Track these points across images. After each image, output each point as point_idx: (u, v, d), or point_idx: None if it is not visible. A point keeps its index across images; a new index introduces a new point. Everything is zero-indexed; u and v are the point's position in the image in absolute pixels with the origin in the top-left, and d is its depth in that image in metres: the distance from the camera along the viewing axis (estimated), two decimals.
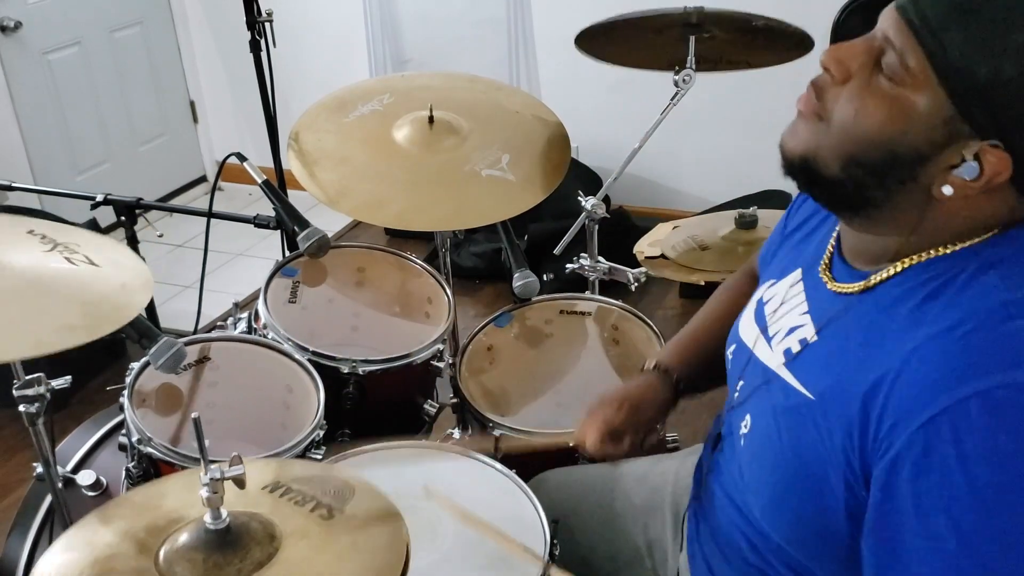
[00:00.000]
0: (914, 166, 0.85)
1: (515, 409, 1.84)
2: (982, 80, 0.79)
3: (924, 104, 0.83)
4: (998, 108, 0.80)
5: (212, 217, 2.08)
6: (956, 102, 0.81)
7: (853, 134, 0.87)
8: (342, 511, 1.03)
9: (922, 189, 0.86)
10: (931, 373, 0.81)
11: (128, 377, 1.54)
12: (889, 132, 0.85)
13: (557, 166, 1.85)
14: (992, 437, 0.78)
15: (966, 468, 0.78)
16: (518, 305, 1.90)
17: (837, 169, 0.89)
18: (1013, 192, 0.86)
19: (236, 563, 0.95)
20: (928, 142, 0.84)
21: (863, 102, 0.86)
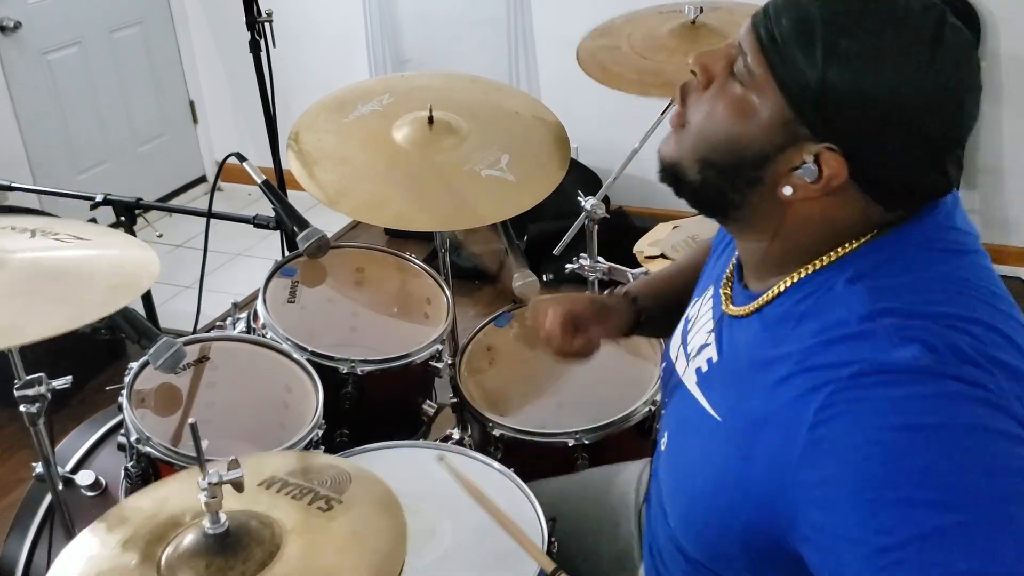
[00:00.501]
0: (758, 167, 0.88)
1: (514, 409, 1.84)
2: (813, 84, 0.82)
3: (766, 107, 0.86)
4: (830, 112, 0.83)
5: (212, 217, 2.08)
6: (792, 105, 0.84)
7: (704, 136, 0.91)
8: (340, 501, 1.03)
9: (770, 190, 0.89)
10: (805, 379, 0.82)
11: (127, 377, 1.54)
12: (734, 133, 0.88)
13: (557, 166, 1.85)
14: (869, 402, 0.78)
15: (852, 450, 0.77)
16: (517, 305, 1.90)
17: (695, 172, 0.93)
18: (861, 195, 0.87)
19: (239, 566, 0.95)
20: (769, 143, 0.87)
21: (714, 105, 0.90)
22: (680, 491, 1.01)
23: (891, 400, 0.78)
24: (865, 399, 0.78)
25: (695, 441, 0.98)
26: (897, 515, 0.75)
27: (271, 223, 1.97)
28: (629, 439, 1.66)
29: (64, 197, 2.18)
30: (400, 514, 1.02)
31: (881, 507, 0.75)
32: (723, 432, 0.93)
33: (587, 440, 1.61)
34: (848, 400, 0.79)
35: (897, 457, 0.76)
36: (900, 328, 0.81)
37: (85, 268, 1.36)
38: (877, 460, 0.76)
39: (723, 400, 0.95)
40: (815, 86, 0.82)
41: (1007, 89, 3.19)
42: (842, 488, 0.78)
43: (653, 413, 1.68)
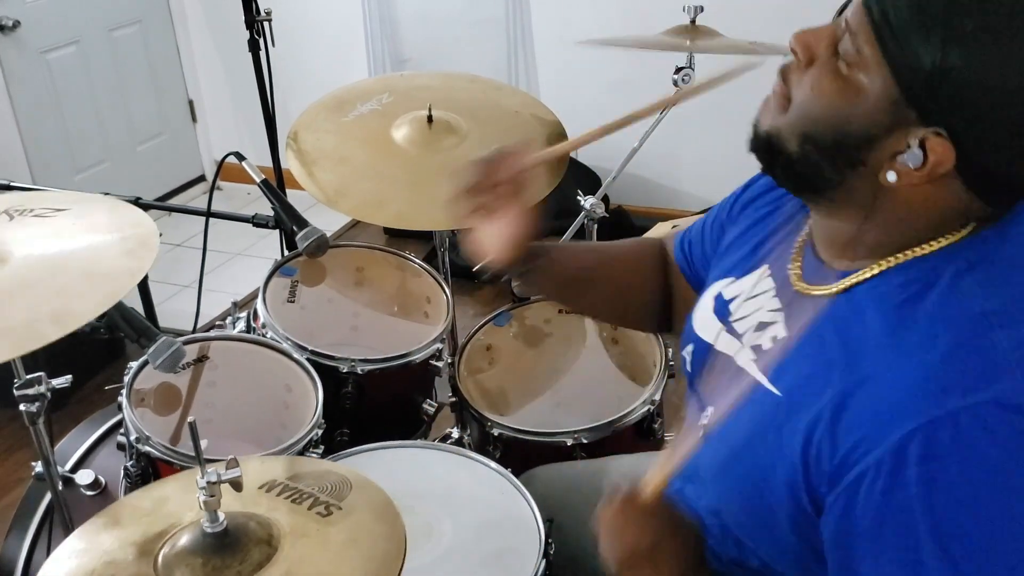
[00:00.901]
0: (861, 148, 0.86)
1: (514, 408, 1.84)
2: (927, 67, 0.80)
3: (873, 86, 0.84)
4: (942, 96, 0.81)
5: (211, 216, 2.08)
6: (903, 87, 0.82)
7: (808, 112, 0.89)
8: (340, 507, 1.03)
9: (871, 174, 0.87)
10: (907, 388, 0.81)
11: (127, 376, 1.54)
12: (839, 110, 0.86)
13: (556, 165, 1.85)
14: (961, 460, 0.78)
15: (930, 493, 0.78)
16: (517, 304, 1.90)
17: (795, 146, 0.90)
18: (962, 186, 0.85)
19: (235, 566, 0.95)
20: (875, 124, 0.84)
21: (819, 81, 0.88)
22: (725, 462, 0.99)
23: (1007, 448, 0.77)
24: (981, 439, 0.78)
25: (749, 418, 0.96)
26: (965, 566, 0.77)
27: (270, 222, 1.97)
28: (628, 438, 1.66)
29: None
30: (399, 523, 1.02)
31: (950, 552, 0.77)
32: (784, 409, 0.91)
33: (586, 439, 1.61)
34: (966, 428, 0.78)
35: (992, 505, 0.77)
36: (1017, 345, 0.80)
37: (85, 257, 1.34)
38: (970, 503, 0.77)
39: (790, 377, 0.93)
40: (930, 69, 0.80)
41: None
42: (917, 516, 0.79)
43: (652, 412, 1.68)
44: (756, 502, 0.94)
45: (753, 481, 0.94)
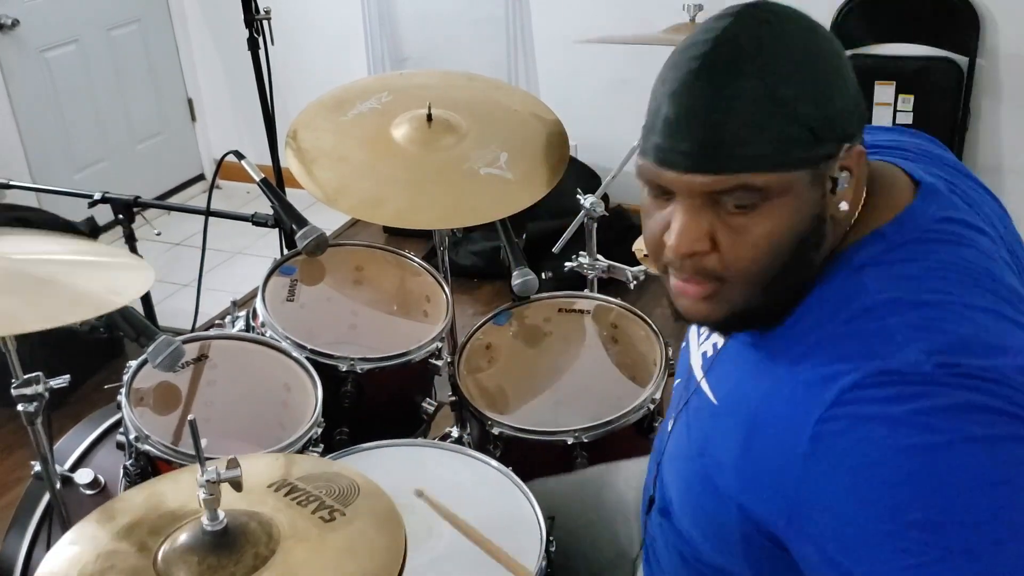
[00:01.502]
0: (819, 228, 0.87)
1: (513, 408, 1.84)
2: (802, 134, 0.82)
3: (795, 190, 0.84)
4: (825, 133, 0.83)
5: (210, 215, 2.08)
6: (810, 165, 0.83)
7: (757, 264, 0.86)
8: (343, 514, 1.03)
9: (828, 228, 0.88)
10: (805, 383, 0.82)
11: (126, 375, 1.54)
12: (787, 232, 0.85)
13: (555, 164, 1.85)
14: (874, 420, 0.78)
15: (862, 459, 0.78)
16: (517, 303, 1.90)
17: (761, 300, 0.89)
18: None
19: (230, 566, 0.95)
20: (815, 203, 0.85)
21: (742, 240, 0.85)
22: (682, 471, 1.01)
23: (894, 418, 0.77)
24: (867, 416, 0.78)
25: (697, 425, 0.99)
26: (911, 540, 0.75)
27: (269, 221, 1.97)
28: (628, 437, 1.66)
29: (62, 195, 2.18)
30: (400, 535, 1.02)
31: (896, 532, 0.76)
32: (719, 418, 0.93)
33: (586, 438, 1.61)
34: (850, 416, 0.79)
35: (906, 480, 0.76)
36: (904, 325, 0.81)
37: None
38: (886, 485, 0.76)
39: (721, 384, 0.95)
40: (807, 134, 0.82)
41: (1006, 88, 3.19)
42: (852, 511, 0.78)
43: (652, 411, 1.68)
44: (709, 507, 0.95)
45: (703, 486, 0.95)
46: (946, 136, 3.21)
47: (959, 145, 3.23)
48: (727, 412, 0.93)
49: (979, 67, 3.16)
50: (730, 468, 0.90)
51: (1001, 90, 3.20)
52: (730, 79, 0.82)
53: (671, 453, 1.07)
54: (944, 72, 3.16)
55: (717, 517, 0.93)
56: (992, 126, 3.25)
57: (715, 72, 0.83)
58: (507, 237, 1.92)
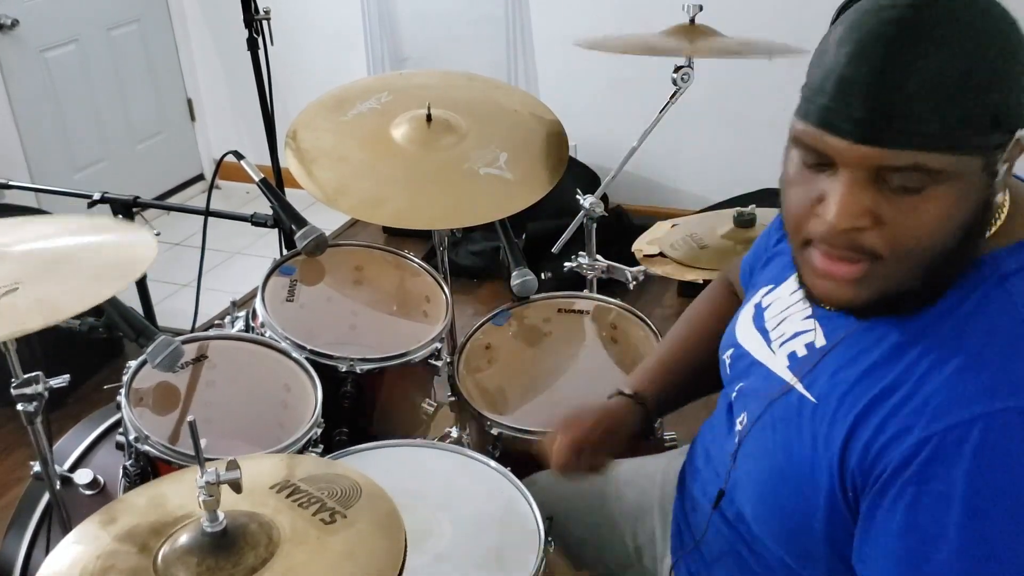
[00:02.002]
0: (985, 214, 0.84)
1: (513, 408, 1.84)
2: (985, 115, 0.78)
3: (966, 174, 0.80)
4: (1011, 120, 0.79)
5: (209, 215, 2.08)
6: (982, 148, 0.79)
7: (921, 244, 0.82)
8: (344, 516, 1.03)
9: (989, 219, 0.85)
10: (945, 390, 0.81)
11: (125, 375, 1.54)
12: (955, 217, 0.81)
13: (555, 164, 1.85)
14: (994, 459, 0.77)
15: (963, 488, 0.78)
16: (516, 304, 1.90)
17: (917, 283, 0.85)
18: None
19: (228, 568, 0.95)
20: (982, 191, 0.81)
21: (911, 220, 0.81)
22: (761, 469, 0.99)
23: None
24: (1003, 450, 0.77)
25: (782, 423, 0.96)
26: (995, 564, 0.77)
27: (269, 221, 1.97)
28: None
29: (61, 195, 2.18)
30: (400, 538, 1.01)
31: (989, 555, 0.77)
32: (819, 414, 0.91)
33: None
34: (1003, 429, 0.78)
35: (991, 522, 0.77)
36: None
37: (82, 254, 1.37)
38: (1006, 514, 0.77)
39: (825, 383, 0.93)
40: (989, 121, 0.78)
41: None
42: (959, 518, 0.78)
43: None
44: (791, 508, 0.94)
45: (788, 487, 0.94)
46: None
47: None
48: (833, 409, 0.90)
49: None
50: (826, 462, 0.88)
51: None
52: (924, 49, 0.76)
53: (751, 446, 1.02)
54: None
55: (802, 522, 0.92)
56: None
57: (908, 37, 0.76)
58: (506, 237, 1.92)
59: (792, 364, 0.99)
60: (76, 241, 1.40)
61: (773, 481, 0.97)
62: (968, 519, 0.78)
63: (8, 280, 1.25)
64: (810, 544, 0.93)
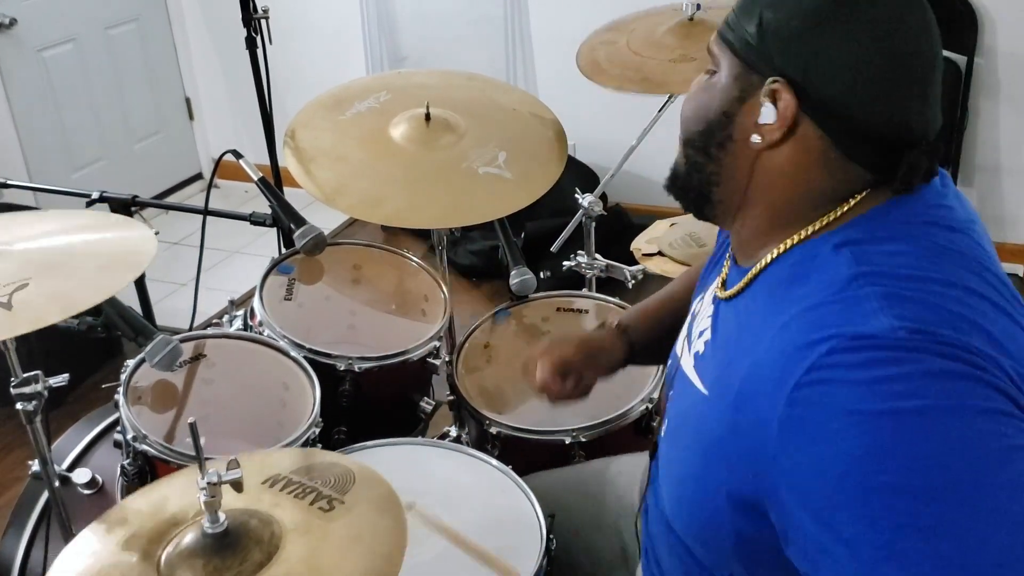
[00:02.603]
0: (724, 126, 0.95)
1: (511, 407, 1.84)
2: (751, 31, 0.91)
3: (723, 73, 0.95)
4: (767, 50, 0.90)
5: (208, 214, 2.07)
6: (739, 58, 0.93)
7: (684, 124, 1.01)
8: (342, 501, 1.03)
9: (742, 149, 0.94)
10: (783, 353, 0.83)
11: (123, 374, 1.54)
12: (701, 105, 0.98)
13: (554, 163, 1.85)
14: (847, 384, 0.77)
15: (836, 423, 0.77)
16: (515, 303, 1.90)
17: (682, 162, 1.02)
18: (826, 146, 0.90)
19: (236, 566, 0.95)
20: (728, 99, 0.94)
21: (690, 95, 1.00)
22: (674, 472, 1.02)
23: (863, 384, 0.76)
24: (840, 381, 0.77)
25: (688, 421, 0.99)
26: (880, 507, 0.74)
27: (267, 220, 1.96)
28: (626, 436, 1.66)
29: (60, 195, 2.18)
30: (401, 516, 1.02)
31: (863, 500, 0.74)
32: (709, 405, 0.94)
33: (584, 437, 1.61)
34: (823, 382, 0.78)
35: (876, 447, 0.75)
36: (881, 294, 0.81)
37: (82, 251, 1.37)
38: (855, 450, 0.75)
39: (712, 374, 0.96)
40: (754, 30, 0.91)
41: (1004, 87, 3.19)
42: (821, 481, 0.77)
43: (650, 411, 1.68)
44: (698, 504, 0.95)
45: (694, 483, 0.95)
46: (944, 135, 3.21)
47: (957, 144, 3.24)
48: (716, 397, 0.93)
49: (977, 66, 3.16)
50: (718, 455, 0.89)
51: (999, 89, 3.20)
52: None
53: (665, 456, 1.07)
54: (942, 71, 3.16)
55: (712, 518, 0.93)
56: (990, 125, 3.25)
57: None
58: (505, 236, 1.92)
59: (695, 363, 1.02)
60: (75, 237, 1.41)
61: (683, 480, 0.98)
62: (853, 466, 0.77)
63: (16, 277, 1.26)
64: (724, 542, 0.93)
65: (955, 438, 0.74)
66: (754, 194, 0.96)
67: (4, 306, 1.22)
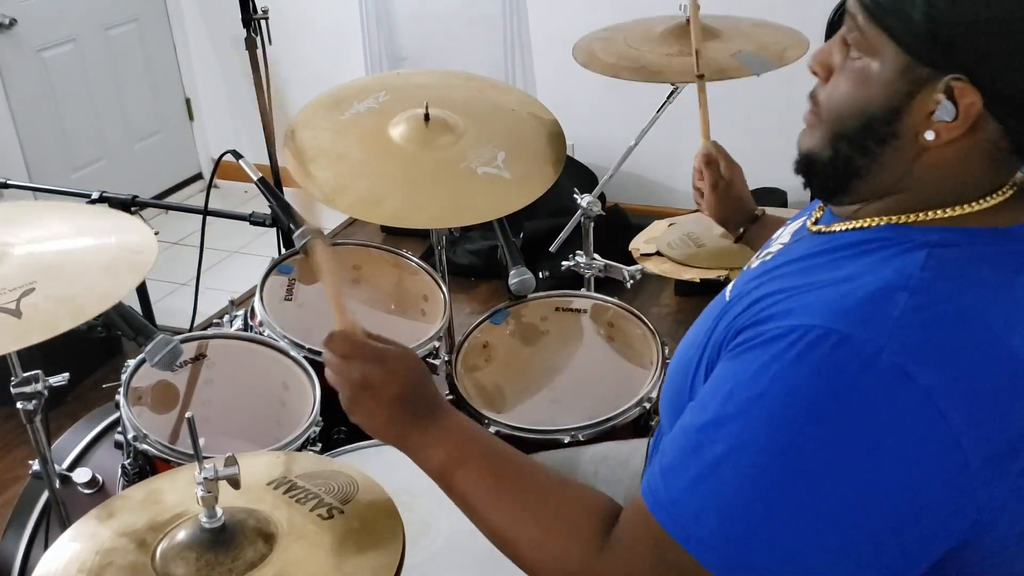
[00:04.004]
0: (890, 122, 0.88)
1: (511, 406, 1.84)
2: (920, 20, 0.82)
3: (885, 63, 0.86)
4: (943, 43, 0.83)
5: (208, 215, 2.08)
6: (906, 49, 0.84)
7: (833, 113, 0.92)
8: (342, 511, 1.03)
9: (906, 145, 0.88)
10: (792, 301, 0.85)
11: (124, 374, 1.54)
12: (859, 98, 0.89)
13: (553, 163, 1.85)
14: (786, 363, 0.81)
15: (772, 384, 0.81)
16: (514, 302, 1.90)
17: (828, 152, 0.93)
18: (997, 138, 0.86)
19: (227, 563, 0.96)
20: (895, 94, 0.86)
21: (837, 83, 0.91)
22: (674, 364, 1.04)
23: (808, 365, 0.80)
24: (785, 360, 0.81)
25: (701, 320, 1.03)
26: (726, 429, 0.82)
27: (267, 220, 1.97)
28: (625, 436, 1.66)
29: (60, 195, 2.18)
30: (399, 533, 1.02)
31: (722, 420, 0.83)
32: (725, 307, 0.96)
33: (582, 437, 1.62)
34: (784, 345, 0.82)
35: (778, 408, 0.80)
36: (913, 307, 0.81)
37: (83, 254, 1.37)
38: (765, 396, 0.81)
39: (740, 284, 0.98)
40: (922, 21, 0.82)
41: None
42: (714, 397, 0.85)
43: (648, 410, 1.68)
44: (679, 381, 0.98)
45: (682, 364, 0.99)
46: None
47: None
48: (731, 303, 0.95)
49: None
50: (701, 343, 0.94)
51: None
52: None
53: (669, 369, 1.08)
54: None
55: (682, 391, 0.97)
56: None
57: None
58: (504, 236, 1.92)
59: (740, 275, 1.04)
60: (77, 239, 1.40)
61: (675, 364, 1.02)
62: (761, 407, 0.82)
63: (21, 281, 1.24)
64: None
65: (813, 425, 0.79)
66: (904, 184, 0.90)
67: (13, 313, 1.18)
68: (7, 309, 1.19)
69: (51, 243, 1.37)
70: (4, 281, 1.24)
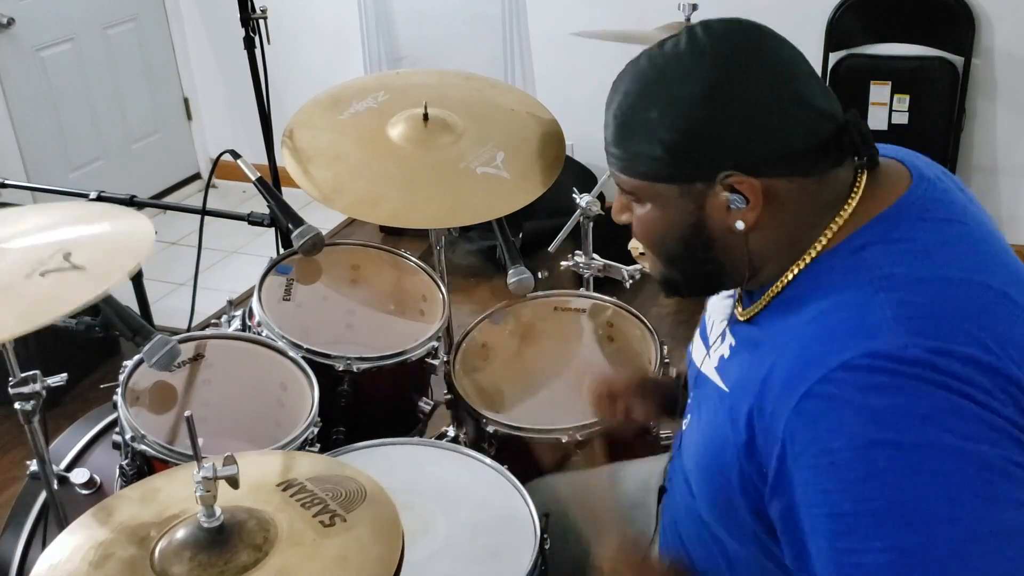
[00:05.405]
0: (700, 234, 0.95)
1: (509, 406, 1.84)
2: (661, 155, 0.91)
3: (663, 201, 0.95)
4: (690, 159, 0.91)
5: (206, 214, 2.07)
6: (668, 182, 0.93)
7: (654, 248, 1.02)
8: (344, 520, 1.03)
9: (730, 237, 0.95)
10: (798, 358, 0.86)
11: (122, 375, 1.54)
12: (661, 232, 0.98)
13: (552, 163, 1.85)
14: (855, 406, 0.81)
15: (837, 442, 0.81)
16: (513, 302, 1.90)
17: (674, 274, 1.03)
18: (788, 180, 0.91)
19: (220, 564, 0.95)
20: (689, 215, 0.94)
21: (640, 227, 1.00)
22: (697, 460, 1.05)
23: (870, 410, 0.80)
24: (847, 401, 0.81)
25: (708, 414, 1.03)
26: (865, 528, 0.79)
27: (266, 220, 1.96)
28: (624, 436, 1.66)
29: (58, 194, 2.17)
30: (397, 546, 1.01)
31: (850, 518, 0.80)
32: (728, 399, 0.97)
33: (581, 436, 1.61)
34: (831, 397, 0.82)
35: (869, 475, 0.79)
36: (896, 301, 0.84)
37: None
38: (849, 474, 0.80)
39: (734, 375, 1.00)
40: (662, 152, 0.91)
41: (1001, 87, 3.19)
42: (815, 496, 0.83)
43: None
44: (718, 488, 0.98)
45: (715, 469, 0.99)
46: (941, 136, 3.22)
47: (954, 145, 3.24)
48: (737, 394, 0.96)
49: (974, 67, 3.17)
50: (734, 445, 0.93)
51: (996, 90, 3.20)
52: (616, 87, 0.96)
53: (687, 443, 1.11)
54: (940, 72, 3.17)
55: (730, 502, 0.96)
56: (987, 126, 3.26)
57: (616, 82, 0.97)
58: (503, 236, 1.92)
59: (719, 366, 1.06)
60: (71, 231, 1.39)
61: (704, 466, 1.02)
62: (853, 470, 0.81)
63: (52, 251, 1.23)
64: (742, 521, 0.97)
65: (945, 480, 0.78)
66: (761, 252, 0.96)
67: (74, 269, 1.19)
68: (63, 268, 1.21)
69: (49, 233, 1.36)
70: (36, 254, 1.25)
